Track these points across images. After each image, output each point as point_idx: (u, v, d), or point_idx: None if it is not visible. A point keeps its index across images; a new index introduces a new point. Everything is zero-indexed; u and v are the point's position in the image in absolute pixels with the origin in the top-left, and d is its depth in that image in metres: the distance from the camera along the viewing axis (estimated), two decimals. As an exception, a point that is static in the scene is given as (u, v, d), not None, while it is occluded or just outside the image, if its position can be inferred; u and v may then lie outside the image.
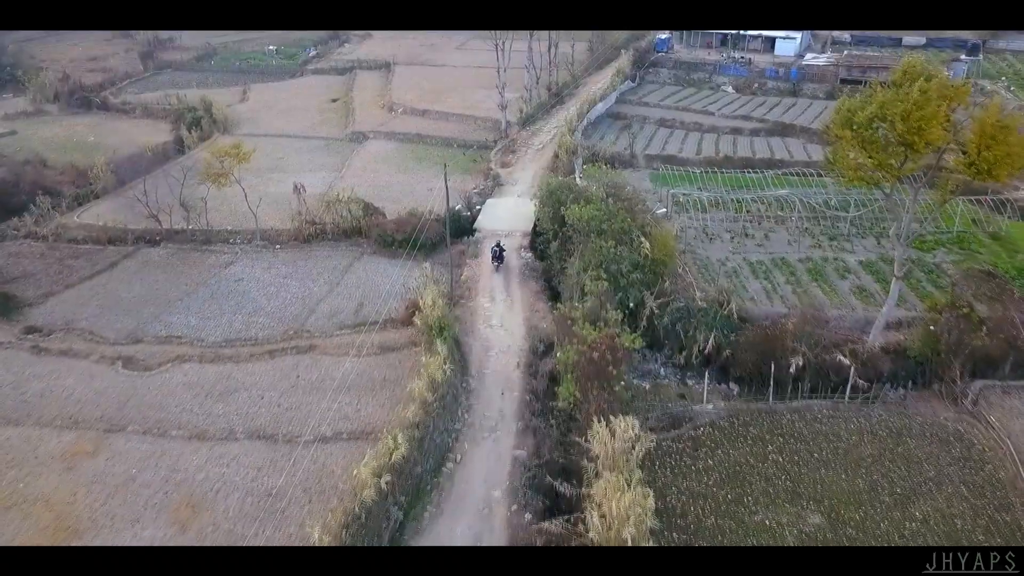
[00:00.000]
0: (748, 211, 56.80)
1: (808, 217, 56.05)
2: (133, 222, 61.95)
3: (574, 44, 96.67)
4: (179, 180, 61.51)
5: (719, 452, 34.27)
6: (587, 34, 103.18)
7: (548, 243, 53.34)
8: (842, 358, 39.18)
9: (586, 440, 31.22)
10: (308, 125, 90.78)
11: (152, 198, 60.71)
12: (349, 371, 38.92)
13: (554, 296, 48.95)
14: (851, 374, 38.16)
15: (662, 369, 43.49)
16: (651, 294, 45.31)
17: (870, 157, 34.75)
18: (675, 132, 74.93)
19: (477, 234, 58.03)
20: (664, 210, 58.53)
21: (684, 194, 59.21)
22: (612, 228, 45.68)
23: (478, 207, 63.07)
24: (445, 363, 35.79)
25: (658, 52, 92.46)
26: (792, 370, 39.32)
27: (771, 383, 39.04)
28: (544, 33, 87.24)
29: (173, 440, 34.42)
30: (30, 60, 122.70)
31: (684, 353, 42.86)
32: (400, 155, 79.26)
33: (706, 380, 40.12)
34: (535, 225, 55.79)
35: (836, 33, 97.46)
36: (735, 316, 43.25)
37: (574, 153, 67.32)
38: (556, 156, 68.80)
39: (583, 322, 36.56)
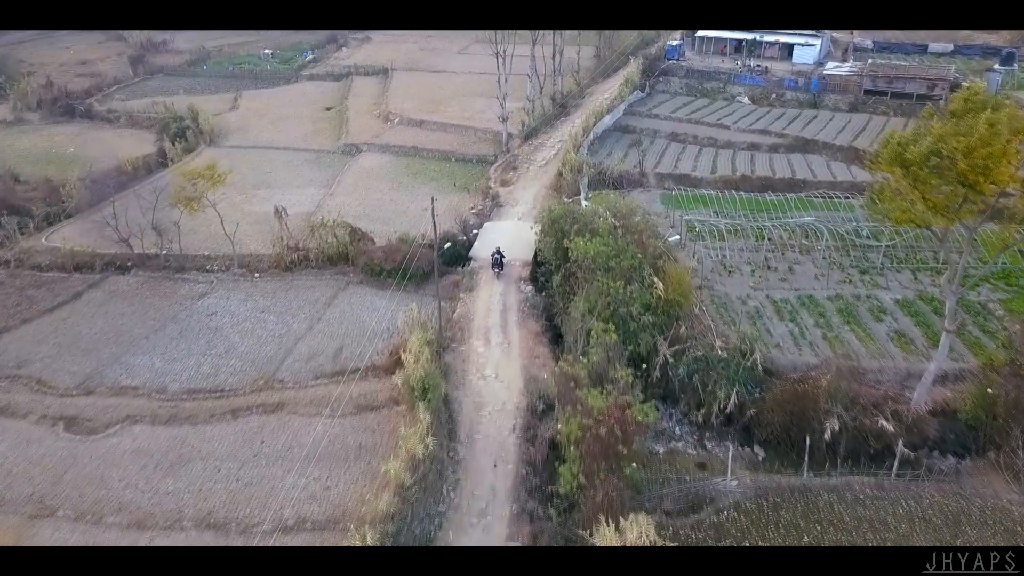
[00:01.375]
0: (769, 239, 51.80)
1: (836, 247, 50.99)
2: (103, 246, 57.33)
3: (580, 50, 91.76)
4: (151, 202, 56.78)
5: (746, 544, 29.33)
6: (594, 39, 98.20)
7: (550, 275, 48.58)
8: (885, 423, 34.22)
9: (591, 534, 26.51)
10: (300, 136, 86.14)
11: (126, 219, 56.31)
12: (321, 436, 34.12)
13: (556, 337, 44.18)
14: (898, 449, 33.14)
15: (678, 428, 38.62)
16: (664, 340, 40.50)
17: (924, 198, 29.77)
18: (688, 147, 69.87)
19: (473, 263, 53.16)
20: (677, 237, 53.64)
21: (699, 220, 54.18)
22: (621, 265, 40.77)
23: (475, 231, 58.21)
24: (428, 434, 30.91)
25: (669, 59, 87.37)
26: (827, 436, 34.37)
27: (805, 455, 34.02)
28: (548, 38, 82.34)
29: (109, 529, 29.61)
30: (17, 64, 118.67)
31: (703, 411, 37.99)
32: (394, 170, 74.53)
33: (730, 451, 35.10)
34: (536, 254, 50.92)
35: (857, 39, 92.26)
36: (760, 368, 38.32)
37: (579, 172, 62.42)
38: (560, 174, 63.88)
39: (588, 388, 31.65)
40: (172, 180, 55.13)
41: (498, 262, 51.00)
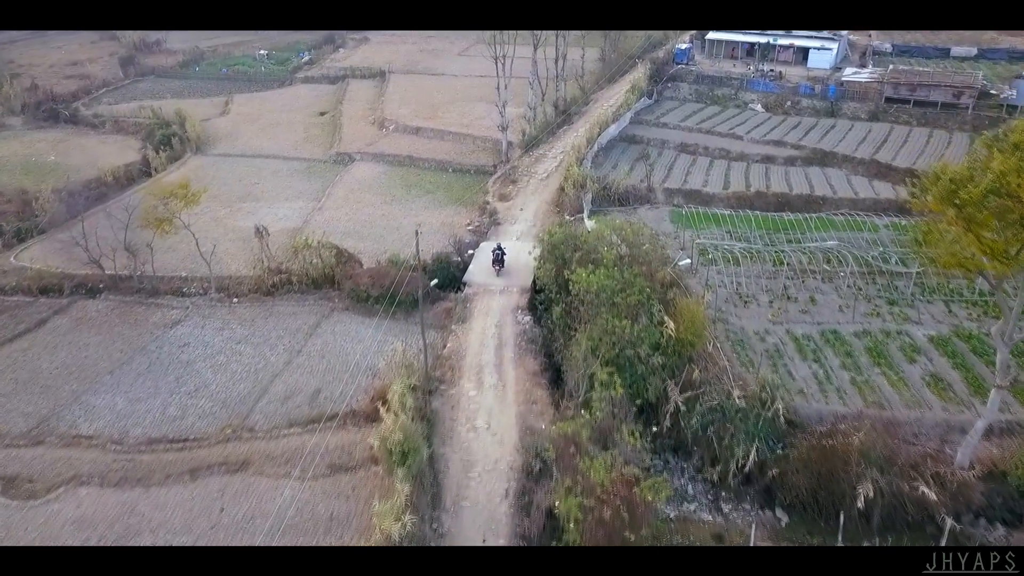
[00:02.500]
0: (788, 264, 47.76)
1: (861, 273, 46.90)
2: (73, 266, 53.70)
3: (584, 53, 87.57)
4: (124, 220, 52.90)
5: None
6: (599, 41, 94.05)
7: (550, 303, 44.66)
8: (927, 490, 30.21)
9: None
10: (290, 143, 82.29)
11: (96, 239, 52.62)
12: (288, 503, 30.24)
13: (556, 376, 40.23)
14: (945, 525, 29.13)
15: (690, 486, 34.59)
16: (675, 384, 36.56)
17: (979, 241, 25.76)
18: (698, 159, 65.75)
19: (467, 289, 49.18)
20: (688, 261, 49.60)
21: (712, 244, 50.11)
22: (627, 301, 36.78)
23: (470, 252, 54.24)
24: (406, 511, 26.98)
25: (677, 64, 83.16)
26: (860, 503, 30.39)
27: (837, 522, 30.06)
28: (551, 39, 78.25)
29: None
30: (5, 65, 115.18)
31: (719, 468, 34.01)
32: (388, 181, 70.65)
33: (753, 528, 31.12)
34: (535, 280, 46.96)
35: (876, 42, 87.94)
36: (782, 419, 34.30)
37: (582, 187, 58.40)
38: (562, 189, 59.86)
39: (590, 455, 27.69)
40: (144, 199, 50.83)
41: (499, 259, 49.37)
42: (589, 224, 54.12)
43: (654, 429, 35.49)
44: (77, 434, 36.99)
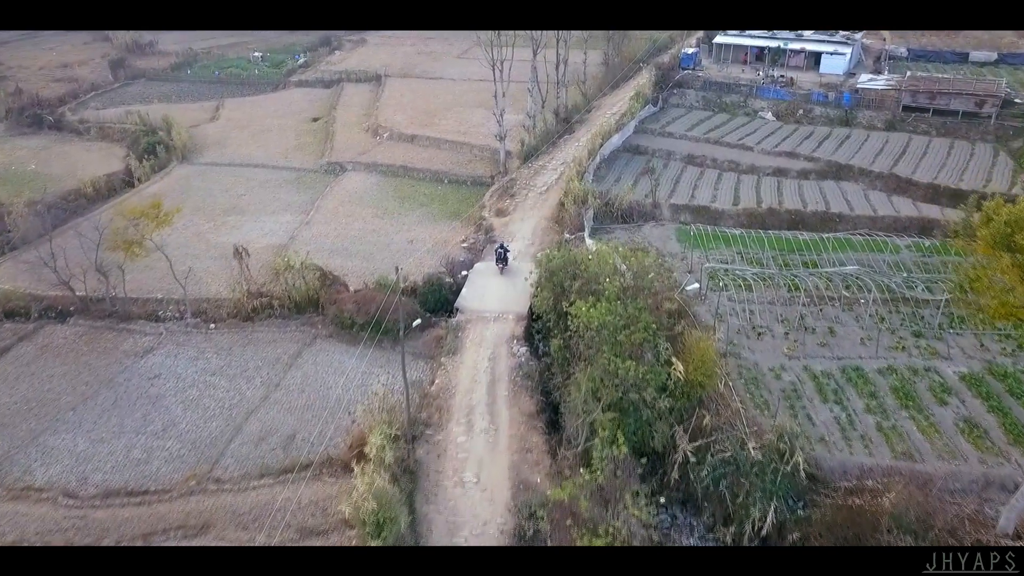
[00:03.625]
0: (804, 290, 44.41)
1: (884, 299, 43.51)
2: (42, 287, 50.45)
3: (586, 57, 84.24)
4: (94, 239, 49.61)
5: None
6: (601, 43, 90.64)
7: (547, 331, 41.44)
8: (968, 563, 26.76)
9: None
10: (281, 151, 79.10)
11: (65, 258, 49.39)
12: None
13: (554, 418, 37.00)
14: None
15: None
16: (684, 431, 33.26)
17: (1036, 291, 22.48)
18: (706, 172, 62.29)
19: (459, 315, 45.90)
20: (696, 285, 46.32)
21: (722, 268, 46.73)
22: (631, 339, 33.44)
23: (464, 272, 50.96)
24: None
25: (684, 69, 79.65)
26: None
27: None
28: (551, 41, 74.80)
29: None
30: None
31: (732, 528, 30.68)
32: (381, 193, 67.45)
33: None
34: (532, 308, 43.74)
35: (890, 46, 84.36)
36: (802, 473, 30.94)
37: (583, 203, 55.07)
38: (562, 205, 56.51)
39: (589, 531, 24.40)
40: (112, 219, 47.58)
41: (502, 257, 49.11)
42: (590, 244, 50.79)
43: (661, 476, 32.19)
44: (27, 485, 33.77)
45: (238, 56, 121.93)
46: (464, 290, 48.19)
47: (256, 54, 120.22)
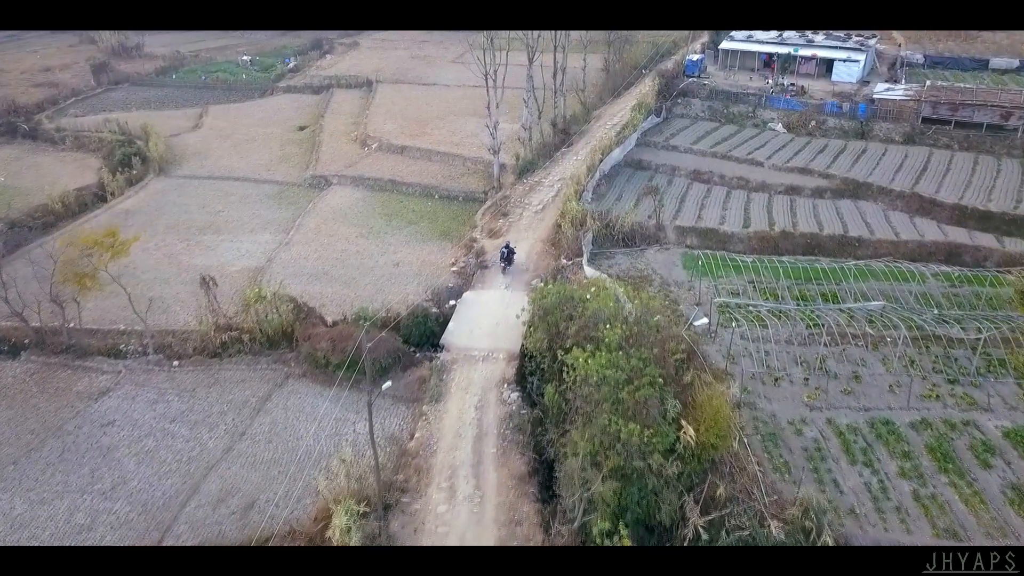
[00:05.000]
0: (823, 326, 40.39)
1: (914, 337, 39.43)
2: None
3: (586, 63, 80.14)
4: (48, 266, 45.63)
5: None
6: (602, 48, 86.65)
7: (541, 373, 37.40)
8: None
9: None
10: (264, 163, 75.15)
11: (16, 288, 45.39)
12: None
13: (548, 478, 32.93)
14: None
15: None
16: (695, 502, 29.21)
17: None
18: (713, 190, 58.15)
19: (444, 353, 41.86)
20: (705, 320, 42.30)
21: (733, 303, 42.64)
22: (635, 396, 29.38)
23: (452, 302, 46.95)
24: None
25: (688, 77, 75.49)
26: None
27: None
28: (548, 48, 70.73)
29: None
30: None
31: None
32: (367, 209, 63.44)
33: None
34: (524, 346, 39.71)
35: (905, 52, 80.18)
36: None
37: (582, 225, 51.00)
38: (558, 227, 52.44)
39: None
40: (68, 246, 43.45)
41: (506, 257, 48.82)
42: (589, 272, 46.85)
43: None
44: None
45: (227, 60, 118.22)
46: (451, 324, 44.16)
47: (245, 58, 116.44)
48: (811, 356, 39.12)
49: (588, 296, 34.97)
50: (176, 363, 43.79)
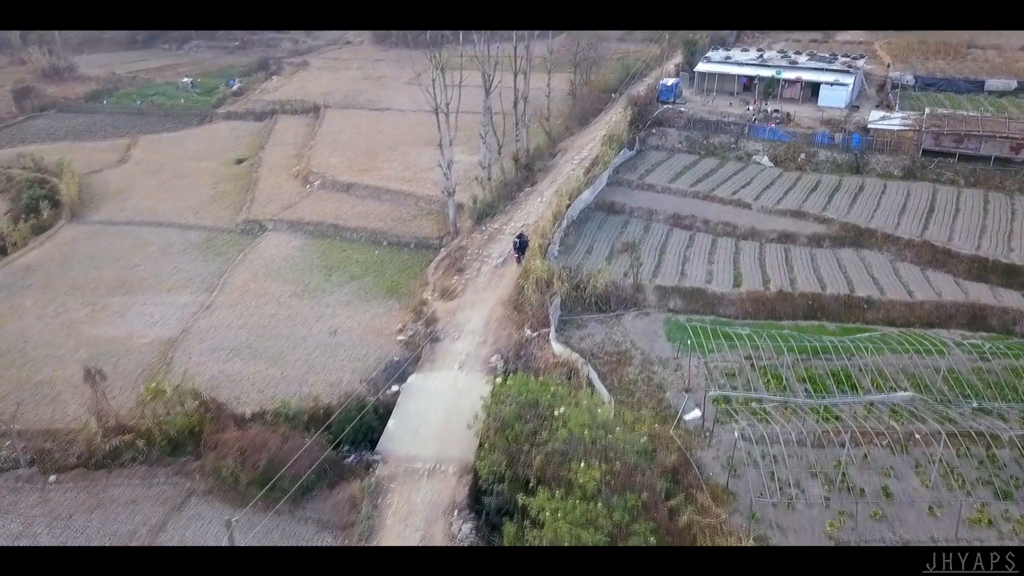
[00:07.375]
0: (839, 419, 33.51)
1: (949, 432, 32.58)
2: None
3: (550, 91, 72.97)
4: None
5: None
6: (567, 68, 79.71)
7: (501, 494, 29.92)
8: None
9: None
10: (193, 204, 67.07)
11: None
12: None
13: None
14: None
15: None
16: None
17: None
18: (696, 237, 51.10)
19: (380, 466, 34.19)
20: (697, 413, 35.21)
21: (735, 395, 35.54)
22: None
23: (394, 388, 39.41)
24: None
25: (663, 103, 68.73)
26: None
27: None
28: (508, 80, 63.59)
29: None
30: None
31: None
32: (303, 261, 55.69)
33: None
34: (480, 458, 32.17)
35: (895, 73, 74.18)
36: None
37: (548, 287, 43.73)
38: (521, 288, 45.14)
39: None
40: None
41: (520, 247, 48.41)
42: (557, 348, 39.65)
43: None
44: None
45: (166, 81, 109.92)
46: (391, 421, 36.60)
47: (186, 80, 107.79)
48: (827, 461, 32.14)
49: (557, 413, 27.51)
50: (53, 478, 35.61)
